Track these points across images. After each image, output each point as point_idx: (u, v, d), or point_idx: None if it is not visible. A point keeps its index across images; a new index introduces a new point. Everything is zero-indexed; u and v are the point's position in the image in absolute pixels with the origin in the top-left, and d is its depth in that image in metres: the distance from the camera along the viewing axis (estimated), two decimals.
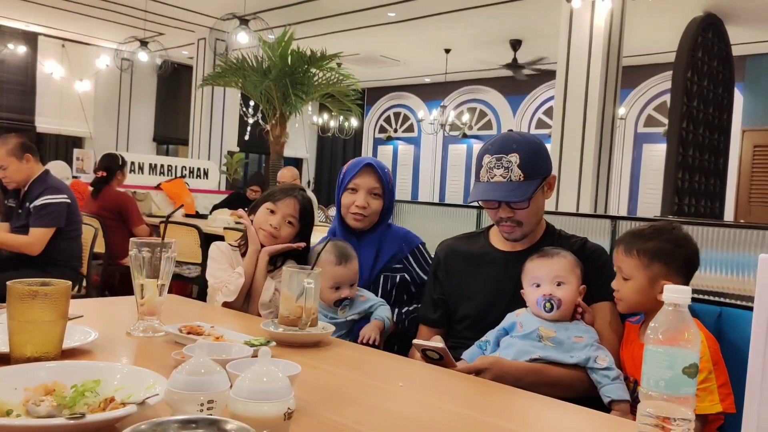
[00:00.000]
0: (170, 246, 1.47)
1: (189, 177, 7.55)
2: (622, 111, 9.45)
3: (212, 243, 2.06)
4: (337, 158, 13.76)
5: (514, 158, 1.57)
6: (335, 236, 1.95)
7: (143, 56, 8.17)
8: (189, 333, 1.39)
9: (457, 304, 1.71)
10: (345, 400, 1.12)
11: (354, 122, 10.77)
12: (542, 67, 8.90)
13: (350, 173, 1.93)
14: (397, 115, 13.16)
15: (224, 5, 7.61)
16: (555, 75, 6.02)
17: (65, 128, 10.69)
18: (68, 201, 3.26)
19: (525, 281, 1.56)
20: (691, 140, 6.22)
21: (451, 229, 1.93)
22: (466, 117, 11.52)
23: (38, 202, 3.16)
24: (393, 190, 2.00)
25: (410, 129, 12.93)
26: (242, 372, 0.90)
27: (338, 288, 1.75)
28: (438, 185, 12.33)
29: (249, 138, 10.17)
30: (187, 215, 6.15)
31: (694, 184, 6.35)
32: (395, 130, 13.16)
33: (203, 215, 6.22)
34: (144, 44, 8.17)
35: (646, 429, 0.89)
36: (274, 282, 1.89)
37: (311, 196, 6.18)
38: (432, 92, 12.24)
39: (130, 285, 1.50)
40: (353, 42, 9.25)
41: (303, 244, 1.95)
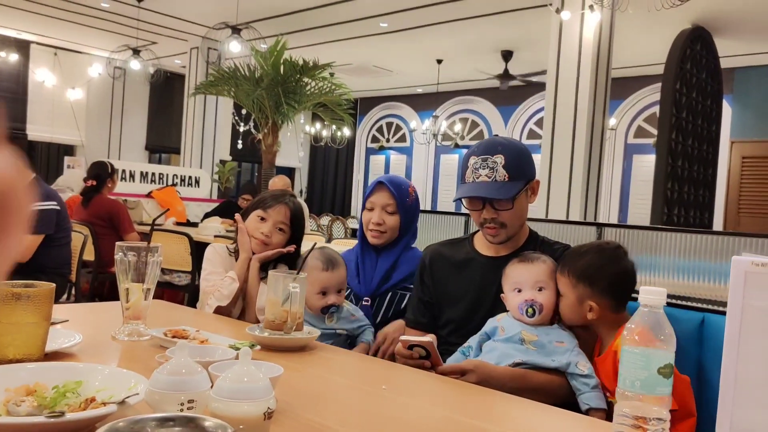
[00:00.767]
0: (156, 250, 1.47)
1: (180, 185, 7.55)
2: (613, 122, 9.53)
3: (209, 245, 2.07)
4: (330, 168, 13.78)
5: (500, 159, 1.59)
6: (358, 253, 2.03)
7: (135, 65, 8.18)
8: (174, 337, 1.39)
9: (441, 309, 1.73)
10: (327, 402, 1.12)
11: (346, 132, 10.81)
12: (533, 78, 8.96)
13: (368, 192, 2.01)
14: (390, 125, 13.20)
15: (217, 15, 7.64)
16: (546, 86, 6.07)
17: (57, 136, 10.66)
18: (58, 208, 3.26)
19: (506, 286, 1.57)
20: (681, 151, 6.28)
21: (442, 237, 1.95)
22: (458, 127, 11.57)
23: None
24: (413, 207, 2.01)
25: (402, 139, 12.97)
26: (224, 373, 0.91)
27: (325, 294, 1.76)
28: (430, 195, 12.36)
29: (241, 147, 10.20)
30: (178, 223, 6.15)
31: (684, 195, 6.40)
32: (388, 140, 13.20)
33: (194, 223, 6.21)
34: (136, 53, 8.18)
35: (623, 429, 0.90)
36: None
37: (302, 204, 6.20)
38: (424, 102, 12.30)
39: None
40: (346, 52, 9.29)
41: (293, 248, 1.96)
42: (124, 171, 6.95)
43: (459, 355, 1.57)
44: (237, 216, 2.00)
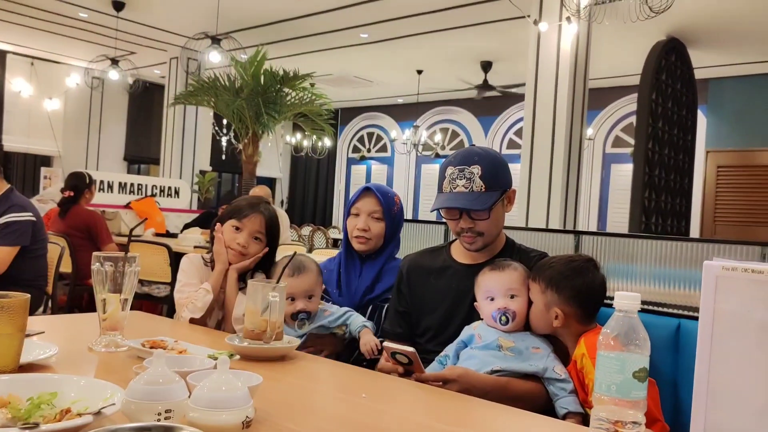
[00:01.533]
0: (134, 260, 1.46)
1: (160, 196, 7.48)
2: (591, 132, 9.64)
3: (185, 255, 2.05)
4: (311, 178, 13.76)
5: (476, 170, 1.61)
6: (341, 263, 2.00)
7: (114, 75, 8.12)
8: (152, 347, 1.38)
9: (419, 317, 1.74)
10: (306, 411, 1.12)
11: (327, 142, 10.81)
12: (512, 89, 9.05)
13: (353, 198, 2.00)
14: (371, 135, 13.23)
15: (196, 25, 7.62)
16: (524, 96, 6.13)
17: (33, 147, 10.53)
18: (33, 219, 3.21)
19: (478, 295, 1.59)
20: (657, 160, 6.37)
21: (423, 246, 1.96)
22: (439, 137, 11.64)
23: (2, 220, 3.11)
24: (398, 216, 2.01)
25: (383, 149, 13.00)
26: (201, 382, 0.91)
27: (293, 300, 1.75)
28: (411, 204, 12.39)
29: (222, 157, 10.16)
30: (158, 234, 6.09)
31: (661, 203, 6.49)
32: (369, 150, 13.23)
33: (174, 234, 6.16)
34: (115, 63, 8.12)
35: None
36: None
37: (282, 214, 6.19)
38: (405, 113, 12.35)
39: None
40: (326, 62, 9.32)
41: (266, 250, 1.95)
42: (102, 182, 6.88)
43: (436, 365, 1.58)
44: (217, 226, 1.98)
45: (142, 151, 11.71)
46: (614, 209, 9.84)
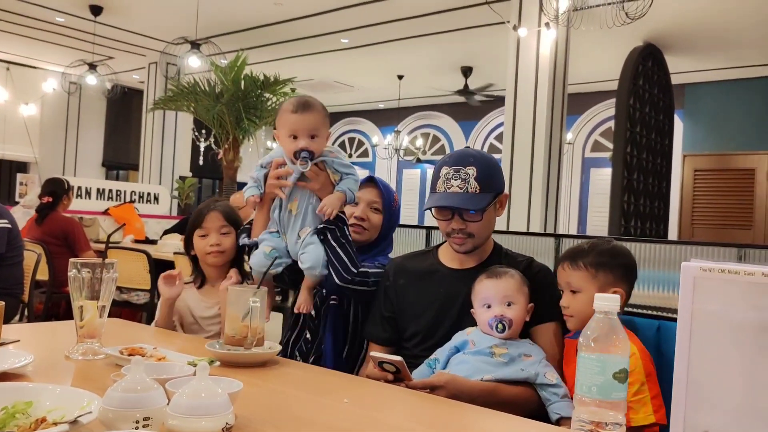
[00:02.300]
0: (111, 266, 1.44)
1: (139, 202, 7.41)
2: (570, 136, 9.73)
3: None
4: None
5: (472, 171, 1.61)
6: None
7: (92, 80, 8.03)
8: (130, 355, 1.36)
9: (407, 322, 1.71)
10: (287, 417, 1.11)
11: None
12: (493, 94, 9.11)
13: None
14: (352, 140, 13.23)
15: (175, 29, 7.56)
16: (505, 101, 6.17)
17: (9, 153, 10.38)
18: (9, 226, 3.16)
19: (475, 302, 1.58)
20: (636, 164, 6.45)
21: (404, 250, 1.94)
22: (420, 142, 11.67)
23: None
24: (396, 213, 1.97)
25: (365, 154, 13.01)
26: (180, 389, 0.89)
27: (296, 138, 1.69)
28: None
29: (202, 163, 10.08)
30: (137, 241, 6.02)
31: (640, 207, 6.56)
32: (350, 155, 13.22)
33: (153, 241, 6.09)
34: (93, 68, 8.03)
35: None
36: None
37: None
38: (386, 118, 12.37)
39: None
40: (307, 67, 9.30)
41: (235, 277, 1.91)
42: (80, 188, 6.79)
43: (425, 368, 1.57)
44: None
45: (121, 157, 11.59)
46: (594, 213, 9.93)
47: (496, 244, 1.77)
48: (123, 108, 11.19)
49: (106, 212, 6.77)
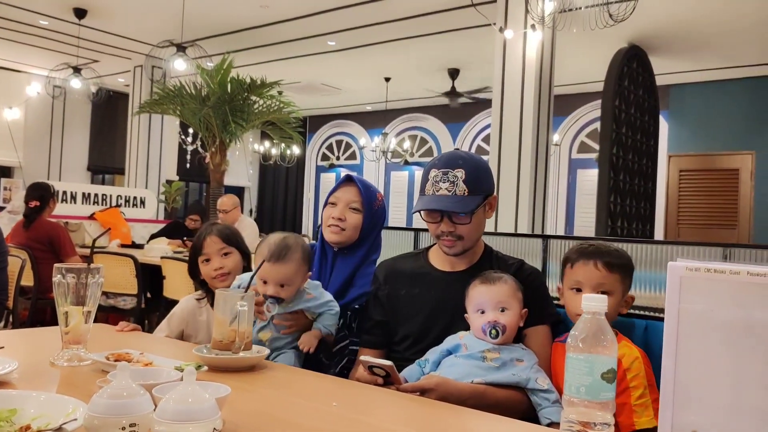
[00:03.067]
0: (97, 271, 1.43)
1: (125, 206, 7.35)
2: (557, 138, 9.78)
3: (184, 298, 2.04)
4: (280, 186, 13.68)
5: (460, 173, 1.60)
6: (317, 254, 1.95)
7: (76, 83, 7.96)
8: (116, 360, 1.34)
9: (398, 325, 1.71)
10: (275, 422, 1.10)
11: (296, 150, 10.75)
12: (480, 96, 9.14)
13: (333, 188, 1.94)
14: (339, 143, 13.22)
15: (161, 32, 7.52)
16: (492, 103, 6.19)
17: None
18: None
19: (469, 308, 1.57)
20: (622, 165, 6.49)
21: (392, 252, 1.93)
22: (408, 144, 11.68)
23: None
24: (378, 212, 1.93)
25: (353, 156, 13.00)
26: (167, 394, 0.88)
27: (265, 283, 1.71)
28: None
29: (189, 166, 10.03)
30: (123, 245, 5.98)
31: (626, 207, 6.61)
32: (338, 158, 13.21)
33: (140, 245, 6.05)
34: (77, 71, 7.96)
35: None
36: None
37: (250, 223, 6.11)
38: (373, 120, 12.37)
39: None
40: (294, 70, 9.28)
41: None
42: (65, 192, 6.73)
43: (415, 368, 1.56)
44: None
45: (107, 161, 11.50)
46: (581, 213, 9.98)
47: (487, 247, 1.77)
48: (108, 112, 11.10)
49: (92, 217, 6.71)
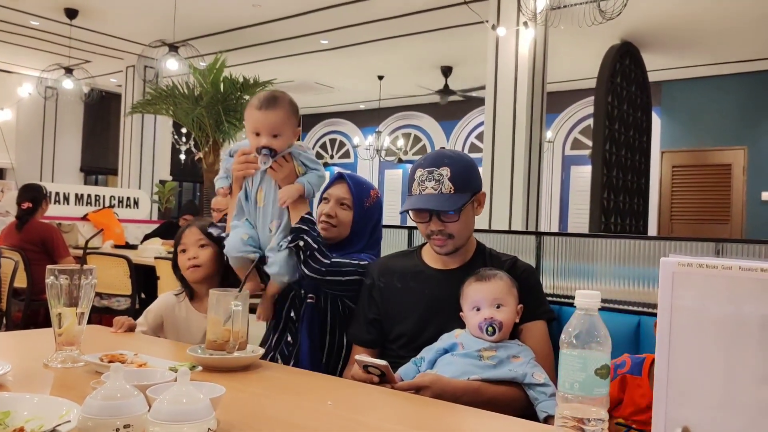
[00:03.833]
0: (90, 272, 1.42)
1: (118, 207, 7.33)
2: (550, 135, 9.80)
3: (164, 294, 2.05)
4: None
5: (446, 172, 1.61)
6: None
7: (68, 84, 7.92)
8: (110, 362, 1.34)
9: (392, 324, 1.70)
10: (270, 421, 1.10)
11: None
12: (473, 93, 9.14)
13: (326, 185, 1.94)
14: (333, 142, 13.21)
15: (153, 32, 7.49)
16: (485, 100, 6.20)
17: None
18: None
19: (465, 305, 1.57)
20: (615, 162, 6.51)
21: (387, 251, 1.93)
22: (401, 142, 11.68)
23: None
24: (371, 210, 1.92)
25: (346, 155, 12.99)
26: (161, 395, 0.88)
27: (258, 134, 1.69)
28: None
29: (182, 166, 10.01)
30: (117, 246, 5.95)
31: (619, 204, 6.63)
32: (331, 157, 13.20)
33: (133, 246, 6.03)
34: (69, 72, 7.92)
35: (564, 431, 0.92)
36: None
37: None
38: (367, 118, 12.36)
39: None
40: (287, 69, 9.27)
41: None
42: (58, 193, 6.70)
43: (411, 366, 1.56)
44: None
45: (99, 162, 11.45)
46: (574, 210, 10.01)
47: (480, 244, 1.76)
48: (101, 112, 11.06)
49: (85, 218, 6.69)
